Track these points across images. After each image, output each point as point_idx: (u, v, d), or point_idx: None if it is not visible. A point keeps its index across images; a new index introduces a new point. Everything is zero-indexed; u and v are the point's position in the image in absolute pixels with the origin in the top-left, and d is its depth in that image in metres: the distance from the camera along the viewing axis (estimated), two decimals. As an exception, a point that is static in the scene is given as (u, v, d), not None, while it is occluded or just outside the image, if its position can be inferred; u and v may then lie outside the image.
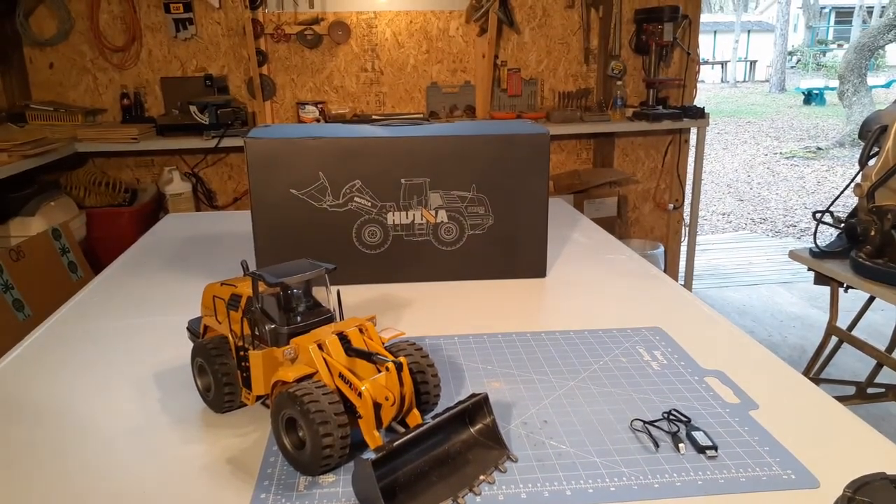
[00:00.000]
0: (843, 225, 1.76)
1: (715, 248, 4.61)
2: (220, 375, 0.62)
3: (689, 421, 0.62)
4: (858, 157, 1.77)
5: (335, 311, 0.62)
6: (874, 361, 1.99)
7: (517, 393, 0.69)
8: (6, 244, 2.17)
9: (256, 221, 0.96)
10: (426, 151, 0.96)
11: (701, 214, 5.18)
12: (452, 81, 3.15)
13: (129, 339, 0.84)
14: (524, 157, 0.98)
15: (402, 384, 0.54)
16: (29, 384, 0.73)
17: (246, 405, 0.64)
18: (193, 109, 2.70)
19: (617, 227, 3.30)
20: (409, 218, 0.99)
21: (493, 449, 0.57)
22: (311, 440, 0.52)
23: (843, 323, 1.96)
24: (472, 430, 0.57)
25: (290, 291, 0.60)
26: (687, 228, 3.37)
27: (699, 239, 3.97)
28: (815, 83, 15.60)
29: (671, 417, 0.63)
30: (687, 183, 3.44)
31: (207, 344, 0.64)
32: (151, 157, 3.02)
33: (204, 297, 0.67)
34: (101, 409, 0.67)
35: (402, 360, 0.55)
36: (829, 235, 2.14)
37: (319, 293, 0.62)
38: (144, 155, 3.00)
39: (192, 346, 0.67)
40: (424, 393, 0.59)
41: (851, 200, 1.81)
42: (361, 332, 0.59)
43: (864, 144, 1.76)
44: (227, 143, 2.68)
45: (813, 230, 1.90)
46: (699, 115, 3.04)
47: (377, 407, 0.54)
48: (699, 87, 3.44)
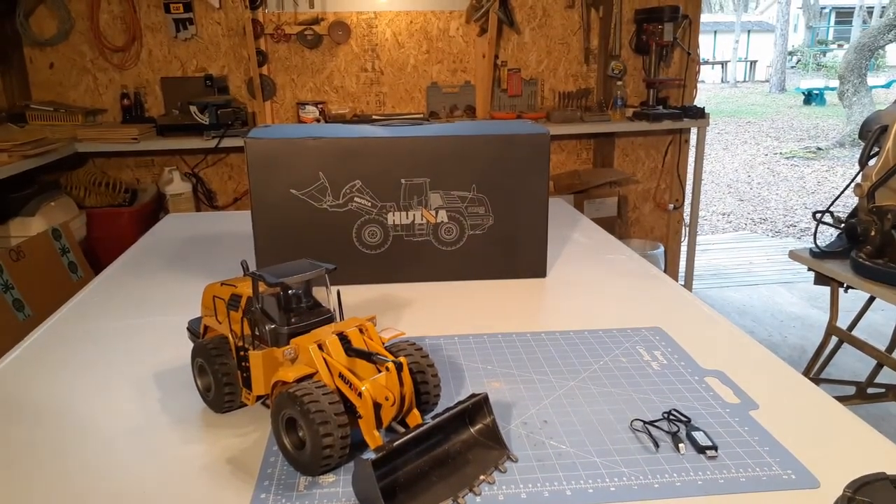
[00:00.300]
0: (843, 225, 1.76)
1: (715, 248, 4.60)
2: (220, 375, 0.62)
3: (689, 421, 0.62)
4: (858, 157, 1.77)
5: (335, 311, 0.62)
6: (874, 361, 1.99)
7: (517, 393, 0.69)
8: (6, 244, 2.17)
9: (256, 221, 0.96)
10: (426, 151, 0.96)
11: (701, 214, 5.19)
12: (452, 81, 3.15)
13: (129, 339, 0.84)
14: (524, 157, 0.98)
15: (402, 384, 0.54)
16: (29, 384, 0.73)
17: (246, 405, 0.64)
18: (193, 110, 2.70)
19: (617, 227, 3.30)
20: (409, 218, 0.99)
21: (493, 449, 0.57)
22: (311, 440, 0.52)
23: (843, 323, 1.96)
24: (472, 430, 0.57)
25: (290, 291, 0.60)
26: (687, 228, 3.37)
27: (699, 239, 3.97)
28: (815, 83, 15.60)
29: (671, 417, 0.63)
30: (687, 183, 3.44)
31: (207, 344, 0.64)
32: (151, 157, 3.02)
33: (204, 297, 0.67)
34: (101, 409, 0.67)
35: (402, 360, 0.55)
36: (829, 235, 2.14)
37: (319, 293, 0.62)
38: (144, 155, 3.00)
39: (192, 346, 0.67)
40: (424, 393, 0.59)
41: (851, 200, 1.81)
42: (361, 332, 0.59)
43: (864, 144, 1.76)
44: (227, 143, 2.68)
45: (813, 230, 1.90)
46: (699, 115, 3.04)
47: (377, 407, 0.54)
48: (699, 87, 3.44)
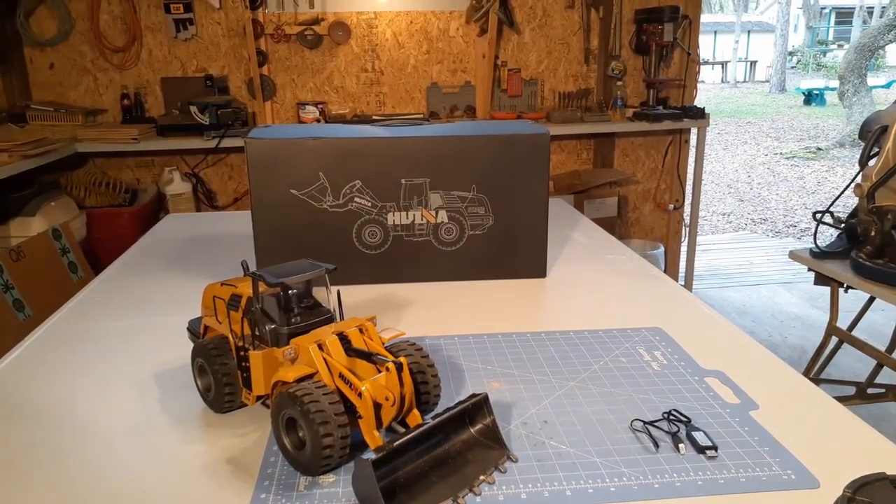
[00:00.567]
0: (843, 225, 1.76)
1: (715, 248, 4.60)
2: (220, 375, 0.62)
3: (689, 421, 0.62)
4: (858, 157, 1.78)
5: (335, 311, 0.62)
6: (874, 361, 1.99)
7: (517, 393, 0.69)
8: (6, 244, 2.17)
9: (257, 222, 0.96)
10: (426, 152, 0.96)
11: (701, 215, 5.18)
12: (453, 82, 3.15)
13: (129, 339, 0.84)
14: (524, 157, 0.98)
15: (402, 384, 0.54)
16: (29, 384, 0.73)
17: (246, 405, 0.64)
18: (194, 110, 2.70)
19: (617, 227, 3.30)
20: (409, 218, 0.99)
21: (493, 449, 0.57)
22: (311, 440, 0.52)
23: (843, 323, 1.96)
24: (472, 430, 0.57)
25: (290, 291, 0.60)
26: (687, 229, 3.37)
27: (699, 239, 3.97)
28: (815, 83, 15.61)
29: (671, 418, 0.63)
30: (687, 183, 3.44)
31: (208, 344, 0.64)
32: (152, 157, 3.02)
33: (204, 297, 0.67)
34: (101, 409, 0.67)
35: (402, 360, 0.55)
36: (829, 236, 2.14)
37: (319, 293, 0.62)
38: (145, 155, 3.00)
39: (192, 346, 0.67)
40: (424, 393, 0.59)
41: (851, 201, 1.81)
42: (361, 332, 0.59)
43: (864, 145, 1.76)
44: (227, 143, 2.68)
45: (813, 230, 1.90)
46: (699, 115, 3.04)
47: (377, 407, 0.54)
48: (699, 87, 3.44)
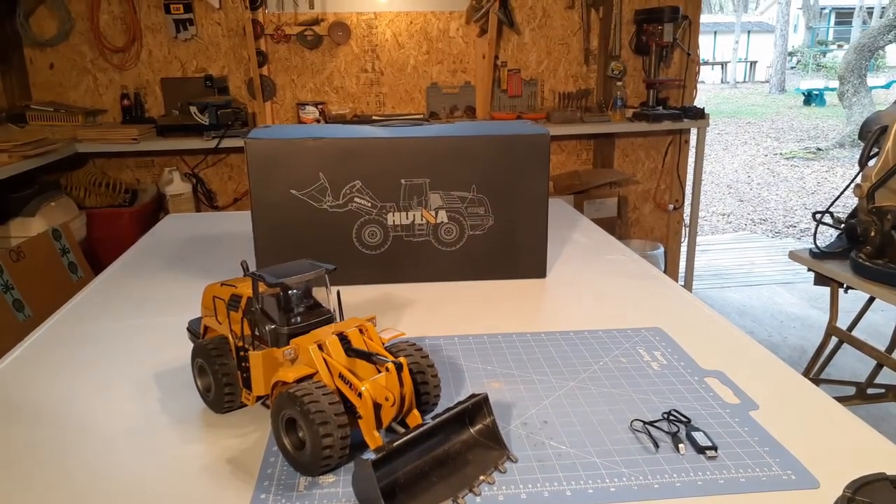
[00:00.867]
0: (843, 225, 1.76)
1: (715, 248, 4.61)
2: (220, 376, 0.62)
3: (688, 421, 0.62)
4: (858, 157, 1.78)
5: (335, 311, 0.62)
6: (874, 362, 1.99)
7: (517, 393, 0.69)
8: (6, 245, 2.17)
9: (256, 222, 0.96)
10: (426, 152, 0.96)
11: (701, 215, 5.19)
12: (452, 82, 3.15)
13: (129, 339, 0.84)
14: (524, 157, 0.98)
15: (402, 384, 0.54)
16: (29, 384, 0.73)
17: (246, 405, 0.64)
18: (194, 110, 2.70)
19: (617, 227, 3.30)
20: (409, 218, 0.99)
21: (492, 449, 0.57)
22: (311, 440, 0.52)
23: (843, 323, 1.96)
24: (472, 430, 0.57)
25: (290, 292, 0.60)
26: (687, 229, 3.37)
27: (699, 239, 3.97)
28: (815, 84, 15.61)
29: (671, 418, 0.63)
30: (687, 183, 3.44)
31: (207, 344, 0.64)
32: (152, 157, 3.02)
33: (204, 297, 0.67)
34: (101, 409, 0.67)
35: (402, 360, 0.55)
36: (829, 236, 2.14)
37: (319, 293, 0.62)
38: (145, 155, 3.00)
39: (192, 346, 0.67)
40: (424, 393, 0.59)
41: (851, 201, 1.81)
42: (361, 332, 0.59)
43: (864, 145, 1.76)
44: (227, 143, 2.68)
45: (813, 231, 1.91)
46: (699, 115, 3.04)
47: (377, 407, 0.54)
48: (699, 87, 3.44)
